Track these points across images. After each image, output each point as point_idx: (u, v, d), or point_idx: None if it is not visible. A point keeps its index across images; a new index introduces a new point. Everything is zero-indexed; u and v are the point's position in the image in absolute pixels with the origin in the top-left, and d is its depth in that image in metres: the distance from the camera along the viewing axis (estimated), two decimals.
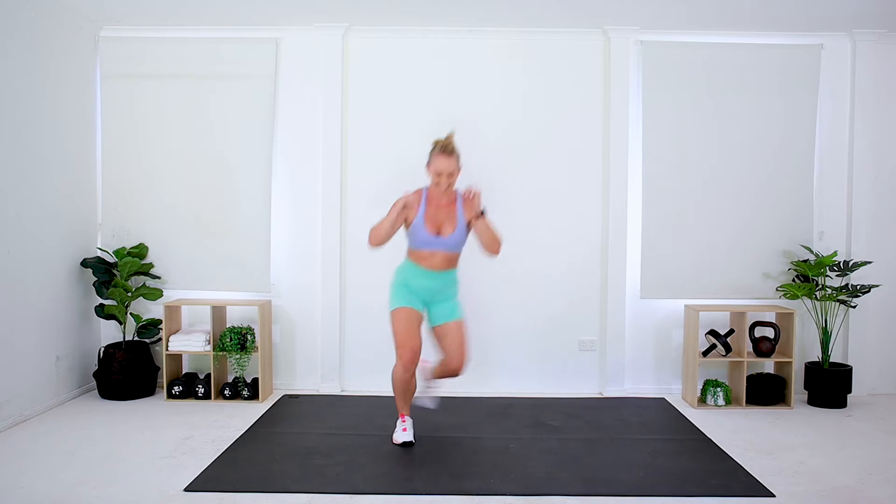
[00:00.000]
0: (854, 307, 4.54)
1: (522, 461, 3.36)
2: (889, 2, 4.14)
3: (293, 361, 4.71)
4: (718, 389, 4.38)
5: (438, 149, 3.47)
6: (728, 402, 4.39)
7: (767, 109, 4.62)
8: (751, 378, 4.42)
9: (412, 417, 3.71)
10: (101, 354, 4.42)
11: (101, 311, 4.49)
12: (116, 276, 4.48)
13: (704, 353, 4.46)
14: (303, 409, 4.22)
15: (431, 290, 3.55)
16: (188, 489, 2.98)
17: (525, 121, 4.66)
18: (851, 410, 4.33)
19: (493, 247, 3.54)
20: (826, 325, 4.45)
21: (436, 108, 4.66)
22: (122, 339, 4.54)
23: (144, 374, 4.45)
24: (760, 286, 4.63)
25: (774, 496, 2.97)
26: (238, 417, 4.04)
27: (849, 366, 4.48)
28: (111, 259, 4.59)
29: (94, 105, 4.64)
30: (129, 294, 4.43)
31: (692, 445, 3.62)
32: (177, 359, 4.57)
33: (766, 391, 4.38)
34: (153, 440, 3.62)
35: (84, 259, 4.49)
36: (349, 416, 4.07)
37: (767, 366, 4.60)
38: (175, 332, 4.51)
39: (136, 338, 4.55)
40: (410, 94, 4.65)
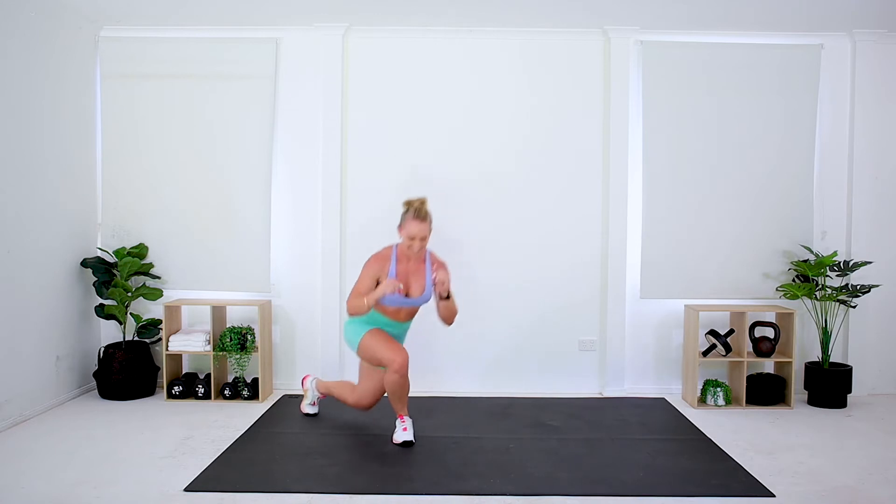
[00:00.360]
0: (854, 307, 4.54)
1: (522, 461, 3.36)
2: (889, 2, 4.14)
3: (293, 361, 4.71)
4: (718, 389, 4.38)
5: (412, 214, 3.55)
6: (728, 402, 4.39)
7: (767, 109, 4.62)
8: (751, 378, 4.42)
9: (411, 417, 3.71)
10: (101, 354, 4.42)
11: (101, 311, 4.49)
12: (116, 276, 4.48)
13: (704, 353, 4.46)
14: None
15: (397, 337, 3.75)
16: (188, 489, 2.98)
17: (525, 121, 4.66)
18: (851, 410, 4.33)
19: (450, 321, 3.68)
20: (826, 325, 4.45)
21: (436, 108, 4.66)
22: (122, 339, 4.55)
23: (144, 374, 4.45)
24: (760, 286, 4.63)
25: (774, 496, 2.96)
26: (238, 417, 4.04)
27: (849, 366, 4.48)
28: (111, 259, 4.59)
29: (94, 105, 4.64)
30: (129, 294, 4.43)
31: (692, 445, 3.62)
32: (177, 359, 4.57)
33: (766, 391, 4.38)
34: (153, 440, 3.62)
35: (84, 259, 4.49)
36: (349, 416, 4.07)
37: (767, 366, 4.60)
38: (175, 332, 4.51)
39: (136, 338, 4.55)
40: (410, 95, 4.65)
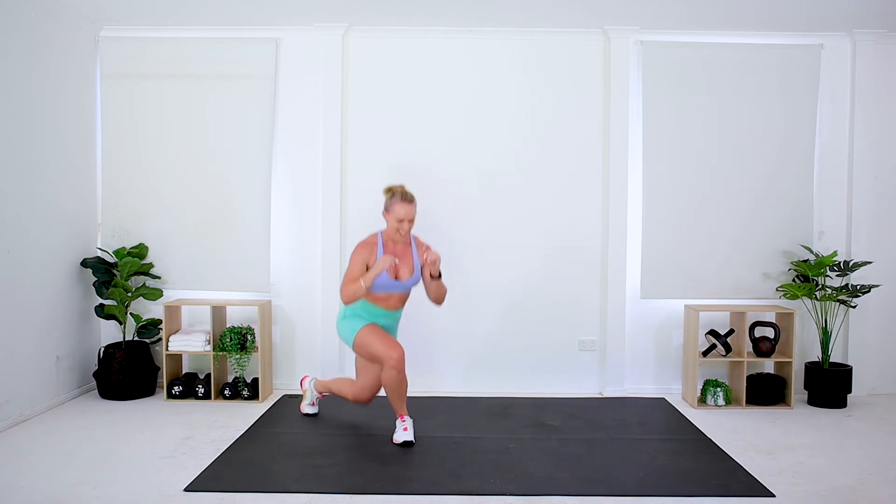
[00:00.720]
0: (854, 307, 4.54)
1: (522, 461, 3.36)
2: (889, 2, 4.14)
3: (293, 361, 4.71)
4: (718, 389, 4.38)
5: (399, 197, 3.63)
6: (728, 402, 4.39)
7: (767, 109, 4.62)
8: (751, 378, 4.42)
9: (411, 417, 3.71)
10: (101, 354, 4.42)
11: (101, 311, 4.49)
12: (116, 276, 4.48)
13: (704, 353, 4.46)
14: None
15: (384, 327, 3.74)
16: (188, 489, 2.98)
17: (525, 120, 4.66)
18: (851, 410, 4.33)
19: (440, 301, 3.78)
20: (826, 325, 4.45)
21: (436, 109, 4.66)
22: (122, 339, 4.54)
23: (144, 374, 4.45)
24: (760, 286, 4.63)
25: (774, 496, 2.97)
26: (238, 417, 4.04)
27: (849, 366, 4.48)
28: (111, 259, 4.59)
29: (94, 105, 4.64)
30: (129, 294, 4.43)
31: (692, 445, 3.62)
32: (177, 359, 4.57)
33: (766, 391, 4.38)
34: (153, 440, 3.62)
35: (84, 259, 4.49)
36: (349, 416, 4.07)
37: (767, 366, 4.60)
38: (175, 332, 4.51)
39: (136, 338, 4.55)
40: (410, 95, 4.65)
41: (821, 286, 4.44)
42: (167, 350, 4.42)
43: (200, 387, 4.40)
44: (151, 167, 4.64)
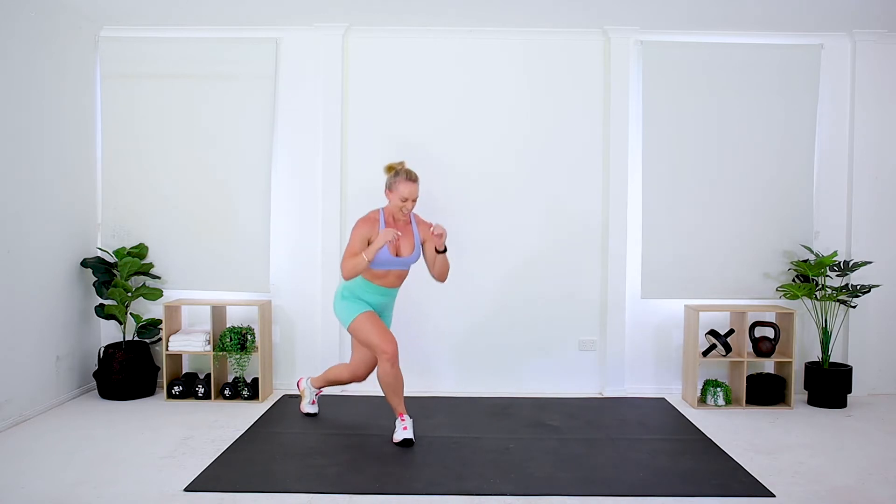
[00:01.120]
0: (854, 307, 4.54)
1: (522, 461, 3.36)
2: (889, 2, 4.14)
3: (293, 361, 4.71)
4: (718, 389, 4.38)
5: (403, 175, 3.63)
6: (728, 402, 4.39)
7: (767, 109, 4.62)
8: (751, 378, 4.42)
9: (410, 417, 3.70)
10: (101, 354, 4.42)
11: (101, 311, 4.49)
12: (116, 276, 4.48)
13: (704, 353, 4.46)
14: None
15: (381, 305, 3.75)
16: (188, 489, 2.98)
17: (525, 120, 4.66)
18: (851, 410, 4.33)
19: (444, 276, 3.78)
20: (826, 325, 4.45)
21: (436, 109, 4.66)
22: (122, 339, 4.55)
23: (144, 374, 4.45)
24: (760, 286, 4.63)
25: (774, 496, 2.97)
26: (238, 417, 4.04)
27: (849, 366, 4.48)
28: (111, 259, 4.59)
29: (94, 105, 4.64)
30: (129, 294, 4.43)
31: (692, 445, 3.62)
32: (177, 359, 4.57)
33: (766, 391, 4.38)
34: (153, 440, 3.62)
35: (84, 259, 4.49)
36: (349, 416, 4.07)
37: (767, 366, 4.60)
38: (175, 332, 4.51)
39: (136, 338, 4.55)
40: (410, 95, 4.65)
41: (821, 286, 4.44)
42: (167, 350, 4.42)
43: (200, 387, 4.40)
44: (151, 167, 4.64)
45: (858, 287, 4.42)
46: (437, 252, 3.67)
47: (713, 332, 4.43)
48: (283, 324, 4.70)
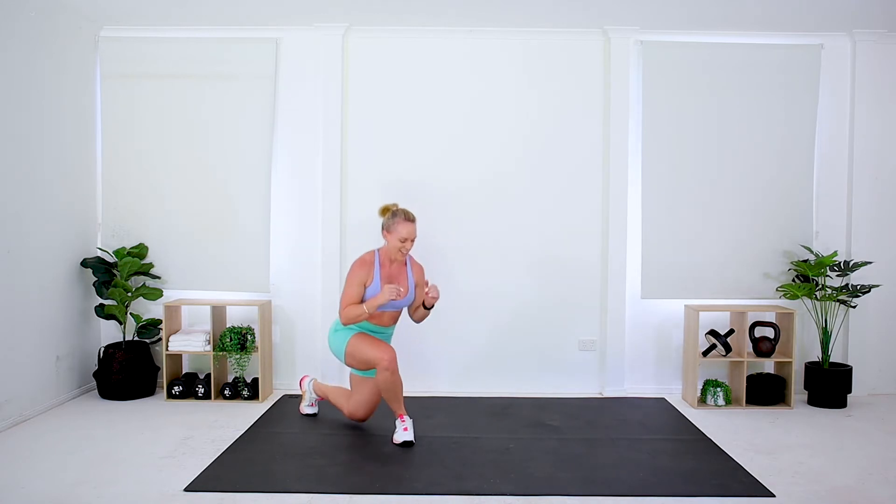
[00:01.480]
0: (854, 307, 4.54)
1: (522, 461, 3.36)
2: (889, 2, 4.14)
3: (293, 361, 4.71)
4: (718, 389, 4.38)
5: (401, 216, 3.63)
6: (728, 402, 4.39)
7: (767, 109, 4.62)
8: (751, 378, 4.42)
9: (410, 417, 3.70)
10: (101, 354, 4.42)
11: (101, 311, 4.49)
12: (116, 276, 4.48)
13: (704, 353, 4.46)
14: None
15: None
16: (188, 489, 2.98)
17: (525, 120, 4.66)
18: (851, 410, 4.33)
19: (420, 321, 3.83)
20: (826, 325, 4.45)
21: (436, 109, 4.66)
22: (122, 339, 4.55)
23: (144, 374, 4.45)
24: (760, 286, 4.63)
25: (774, 496, 2.97)
26: (238, 417, 4.04)
27: (849, 366, 4.48)
28: (111, 259, 4.59)
29: (94, 105, 4.64)
30: (129, 294, 4.43)
31: (692, 445, 3.62)
32: (177, 359, 4.57)
33: (766, 391, 4.38)
34: (153, 440, 3.62)
35: (84, 259, 4.49)
36: None
37: (767, 366, 4.60)
38: (175, 332, 4.51)
39: (136, 338, 4.55)
40: (410, 95, 4.65)
41: (821, 286, 4.44)
42: (167, 350, 4.42)
43: (200, 387, 4.40)
44: (151, 167, 4.64)
45: (858, 287, 4.42)
46: (426, 307, 3.68)
47: (713, 332, 4.43)
48: (283, 324, 4.70)
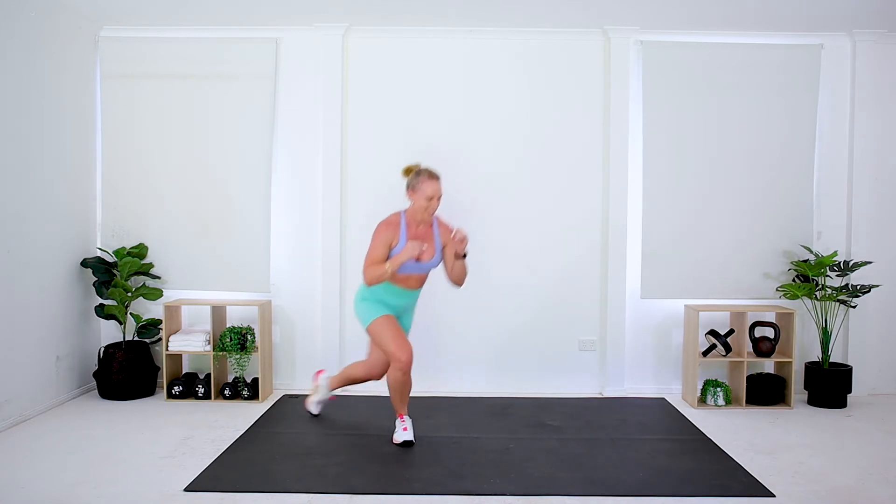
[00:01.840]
0: (854, 307, 4.54)
1: (522, 461, 3.36)
2: (889, 2, 4.14)
3: (293, 361, 4.71)
4: (718, 389, 4.38)
5: (426, 175, 3.57)
6: (728, 402, 4.39)
7: (767, 109, 4.62)
8: (751, 378, 4.42)
9: (410, 417, 3.70)
10: (101, 354, 4.42)
11: (101, 311, 4.49)
12: (116, 276, 4.48)
13: (704, 353, 4.46)
14: (303, 409, 4.21)
15: (403, 307, 3.70)
16: (188, 489, 2.98)
17: (525, 120, 4.66)
18: (851, 410, 4.33)
19: (461, 282, 3.68)
20: (826, 325, 4.45)
21: (436, 109, 4.66)
22: (122, 339, 4.54)
23: (144, 374, 4.45)
24: (760, 286, 4.63)
25: (774, 496, 2.97)
26: (238, 417, 4.04)
27: (849, 366, 4.48)
28: (111, 259, 4.59)
29: (94, 105, 4.64)
30: (129, 294, 4.43)
31: (692, 445, 3.62)
32: (177, 359, 4.57)
33: (766, 391, 4.38)
34: (153, 440, 3.62)
35: (84, 259, 4.49)
36: (349, 416, 4.07)
37: (767, 366, 4.60)
38: (175, 332, 4.51)
39: (136, 338, 4.55)
40: (410, 95, 4.65)
41: (821, 286, 4.44)
42: (167, 350, 4.42)
43: (200, 387, 4.40)
44: (151, 167, 4.64)
45: (858, 287, 4.42)
46: (457, 257, 3.57)
47: (713, 332, 4.43)
48: (283, 324, 4.70)
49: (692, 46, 4.62)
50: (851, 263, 4.52)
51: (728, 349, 4.41)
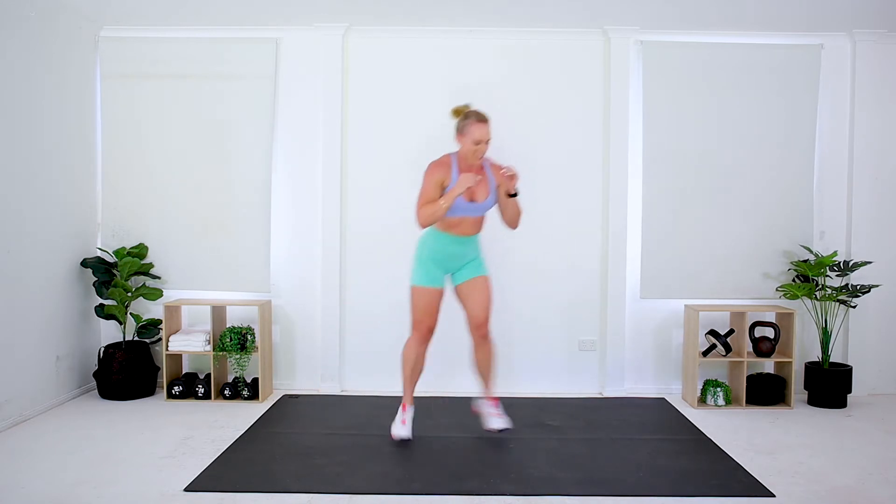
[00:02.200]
0: (854, 307, 4.54)
1: (522, 461, 3.36)
2: (889, 2, 4.14)
3: (293, 361, 4.71)
4: (718, 389, 4.38)
5: (474, 118, 3.47)
6: (728, 402, 4.39)
7: (767, 109, 4.62)
8: (751, 378, 4.42)
9: (413, 415, 3.68)
10: (101, 354, 4.42)
11: (101, 311, 4.49)
12: (116, 276, 4.48)
13: (704, 353, 4.46)
14: (303, 409, 4.22)
15: (459, 256, 3.59)
16: (188, 489, 2.98)
17: (525, 120, 4.66)
18: (851, 410, 4.33)
19: (516, 222, 3.62)
20: (826, 325, 4.45)
21: (436, 108, 4.65)
22: (122, 339, 4.54)
23: (144, 374, 4.45)
24: (760, 286, 4.63)
25: (774, 496, 2.97)
26: (238, 417, 4.04)
27: (849, 366, 4.48)
28: (111, 259, 4.59)
29: (94, 105, 4.64)
30: (129, 294, 4.43)
31: (692, 445, 3.62)
32: (177, 359, 4.57)
33: (766, 391, 4.38)
34: (153, 440, 3.62)
35: (84, 259, 4.48)
36: (349, 416, 4.07)
37: (767, 366, 4.60)
38: (175, 332, 4.51)
39: (136, 338, 4.55)
40: (410, 95, 4.65)
41: (821, 286, 4.44)
42: (167, 350, 4.42)
43: (200, 387, 4.40)
44: (151, 167, 4.64)
45: (858, 287, 4.42)
46: (508, 196, 3.47)
47: (713, 332, 4.43)
48: (283, 324, 4.70)
49: (692, 46, 4.62)
50: (851, 263, 4.52)
51: (728, 349, 4.41)
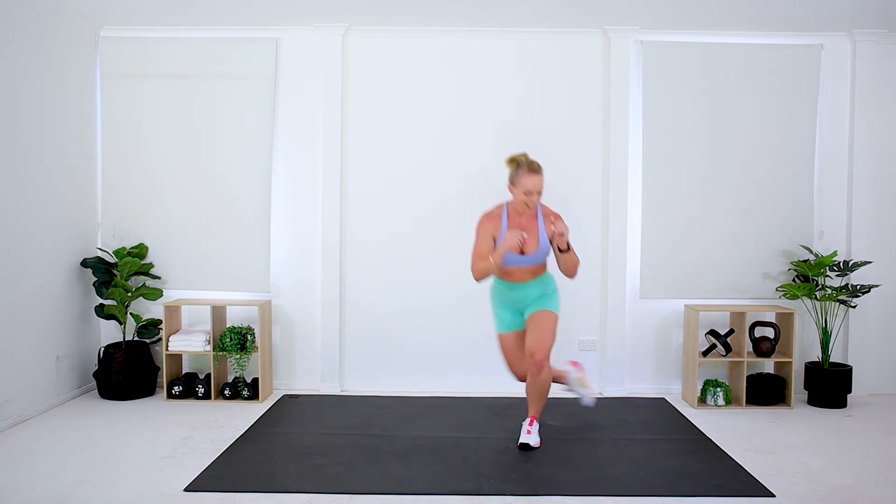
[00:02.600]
0: (854, 307, 4.54)
1: (522, 461, 3.36)
2: (889, 2, 4.14)
3: (293, 361, 4.71)
4: (718, 389, 4.38)
5: (525, 168, 3.44)
6: (728, 402, 4.39)
7: (767, 109, 4.62)
8: (751, 378, 4.42)
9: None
10: (101, 354, 4.42)
11: (101, 311, 4.49)
12: (116, 276, 4.48)
13: (704, 353, 4.46)
14: (303, 409, 4.22)
15: (523, 299, 3.61)
16: (188, 489, 2.98)
17: (524, 120, 4.66)
18: (851, 410, 4.33)
19: (572, 272, 3.60)
20: (826, 325, 4.45)
21: (436, 108, 4.66)
22: (122, 339, 4.54)
23: (144, 374, 4.45)
24: (760, 286, 4.63)
25: (774, 496, 2.97)
26: (238, 417, 4.04)
27: (849, 366, 4.48)
28: (111, 259, 4.59)
29: (94, 105, 4.64)
30: (129, 294, 4.43)
31: (692, 445, 3.62)
32: (177, 359, 4.57)
33: (766, 391, 4.38)
34: (153, 440, 3.62)
35: (84, 259, 4.48)
36: (349, 416, 4.07)
37: (767, 366, 4.60)
38: (175, 332, 4.51)
39: (136, 338, 4.55)
40: (410, 94, 4.65)
41: (821, 286, 4.44)
42: (167, 350, 4.42)
43: (200, 387, 4.40)
44: (151, 167, 4.64)
45: (858, 287, 4.42)
46: (560, 252, 3.48)
47: (713, 332, 4.43)
48: (283, 324, 4.70)
49: (692, 46, 4.62)
50: (851, 263, 4.52)
51: (728, 349, 4.41)
